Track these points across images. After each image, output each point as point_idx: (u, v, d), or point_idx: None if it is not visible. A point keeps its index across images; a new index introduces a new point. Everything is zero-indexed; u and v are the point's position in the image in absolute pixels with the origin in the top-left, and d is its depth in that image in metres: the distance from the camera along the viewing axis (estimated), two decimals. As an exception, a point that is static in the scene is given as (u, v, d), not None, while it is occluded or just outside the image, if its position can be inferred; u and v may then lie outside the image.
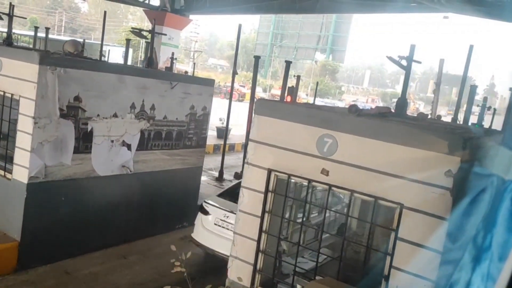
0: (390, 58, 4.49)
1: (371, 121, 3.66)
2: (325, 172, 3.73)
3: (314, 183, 3.86)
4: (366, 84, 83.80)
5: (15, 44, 9.74)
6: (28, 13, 52.88)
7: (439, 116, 7.64)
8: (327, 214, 4.17)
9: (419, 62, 4.58)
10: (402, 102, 4.56)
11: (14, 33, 10.70)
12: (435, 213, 3.23)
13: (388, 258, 3.47)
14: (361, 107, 4.08)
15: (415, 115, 5.02)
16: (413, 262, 3.33)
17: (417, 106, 50.45)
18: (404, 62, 4.37)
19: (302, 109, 4.22)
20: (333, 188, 3.74)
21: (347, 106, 4.25)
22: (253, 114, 4.26)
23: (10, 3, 8.44)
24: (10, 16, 8.05)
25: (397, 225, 3.41)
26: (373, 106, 6.56)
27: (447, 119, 7.96)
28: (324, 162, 3.74)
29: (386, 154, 3.46)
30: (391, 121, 3.74)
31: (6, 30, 8.00)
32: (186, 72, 11.15)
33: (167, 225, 7.85)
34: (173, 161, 7.78)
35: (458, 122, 7.10)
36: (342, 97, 59.81)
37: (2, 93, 6.07)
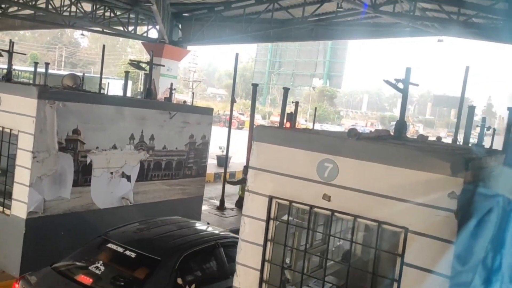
0: (387, 82, 4.50)
1: (371, 144, 3.63)
2: (326, 197, 3.67)
3: (316, 209, 3.79)
4: (364, 108, 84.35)
5: (15, 80, 9.87)
6: (29, 50, 53.80)
7: (439, 138, 7.63)
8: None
9: (416, 85, 4.58)
10: (401, 125, 4.55)
11: (14, 69, 10.85)
12: (440, 236, 3.15)
13: (395, 284, 3.37)
14: (360, 131, 4.06)
15: (415, 137, 5.00)
16: (421, 288, 3.23)
17: (416, 129, 50.63)
18: (400, 85, 4.38)
19: (301, 134, 4.20)
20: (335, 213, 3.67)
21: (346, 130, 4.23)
22: (252, 141, 4.24)
23: (10, 40, 8.61)
24: (10, 52, 8.19)
25: (403, 250, 3.33)
26: (373, 130, 6.55)
27: (447, 140, 7.97)
28: (326, 187, 3.68)
29: (388, 178, 3.41)
30: (391, 144, 3.71)
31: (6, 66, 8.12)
32: (185, 102, 11.22)
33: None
34: (173, 191, 7.71)
35: (458, 143, 7.07)
36: (341, 121, 60.03)
37: (1, 129, 6.07)
